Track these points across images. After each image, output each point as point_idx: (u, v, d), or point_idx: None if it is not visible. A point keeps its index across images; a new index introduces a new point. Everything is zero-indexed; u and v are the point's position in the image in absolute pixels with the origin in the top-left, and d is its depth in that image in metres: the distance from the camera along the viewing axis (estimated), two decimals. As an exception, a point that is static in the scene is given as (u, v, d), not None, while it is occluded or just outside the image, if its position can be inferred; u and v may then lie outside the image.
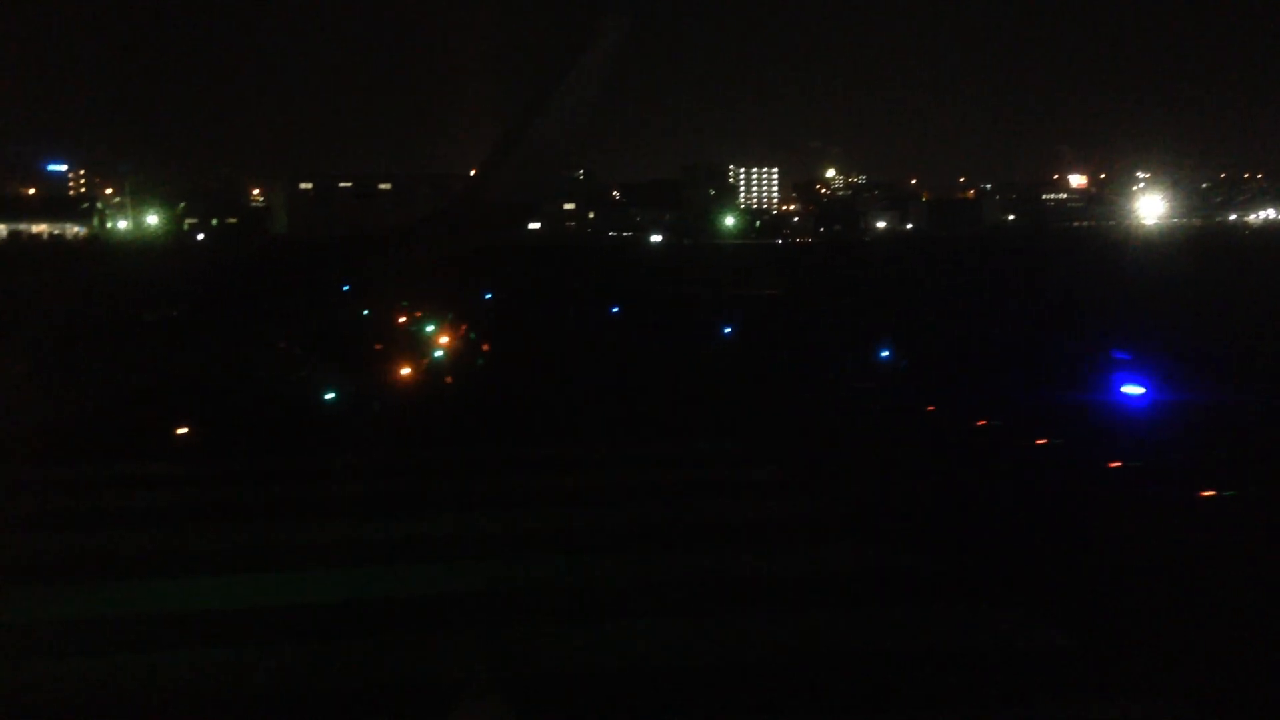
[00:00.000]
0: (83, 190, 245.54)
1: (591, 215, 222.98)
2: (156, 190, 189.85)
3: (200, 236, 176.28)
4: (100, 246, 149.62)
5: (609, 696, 12.09)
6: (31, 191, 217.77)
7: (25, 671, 13.01)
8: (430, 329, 48.39)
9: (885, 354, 36.01)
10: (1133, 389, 27.55)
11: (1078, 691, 11.99)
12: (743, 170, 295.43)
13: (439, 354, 39.44)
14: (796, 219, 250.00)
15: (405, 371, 35.15)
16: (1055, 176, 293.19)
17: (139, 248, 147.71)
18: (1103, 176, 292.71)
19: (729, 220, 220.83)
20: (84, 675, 12.89)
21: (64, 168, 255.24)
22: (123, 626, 14.49)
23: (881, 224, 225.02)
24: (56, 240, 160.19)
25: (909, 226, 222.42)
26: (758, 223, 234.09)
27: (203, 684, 12.64)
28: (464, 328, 47.77)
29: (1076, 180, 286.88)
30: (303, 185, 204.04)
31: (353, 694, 12.33)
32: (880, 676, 12.40)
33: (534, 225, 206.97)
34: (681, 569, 16.30)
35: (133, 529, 18.97)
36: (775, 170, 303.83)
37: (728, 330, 46.46)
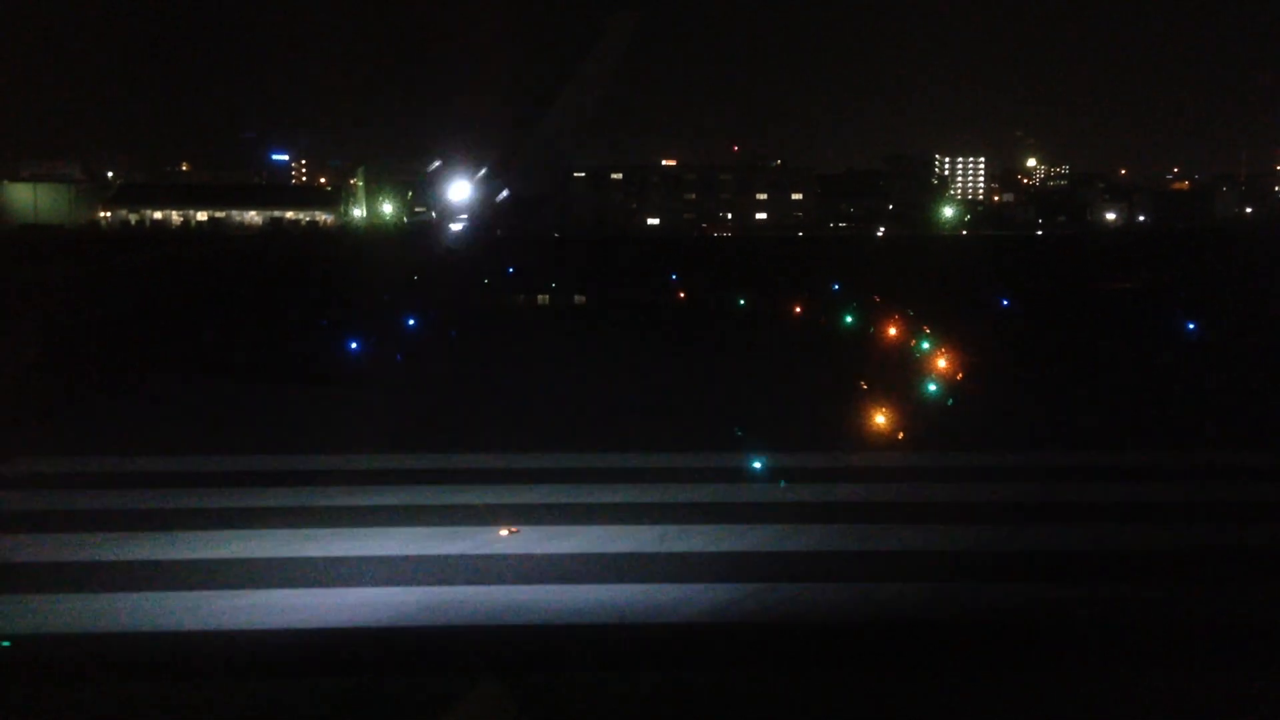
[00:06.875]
0: (304, 179, 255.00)
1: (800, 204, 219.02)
2: (388, 180, 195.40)
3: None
4: (348, 231, 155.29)
5: None
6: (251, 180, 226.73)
7: None
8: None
9: None
10: None
11: None
12: (946, 160, 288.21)
13: (925, 346, 38.53)
14: (1013, 211, 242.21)
15: (943, 365, 34.47)
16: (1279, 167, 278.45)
17: (378, 232, 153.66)
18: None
19: (948, 211, 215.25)
20: None
21: (285, 157, 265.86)
22: None
23: (1111, 216, 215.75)
24: (312, 226, 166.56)
25: (1141, 219, 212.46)
26: (967, 215, 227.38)
27: None
28: (900, 317, 46.65)
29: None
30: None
31: None
32: None
33: (761, 215, 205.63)
34: None
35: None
36: (981, 160, 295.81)
37: (1191, 326, 44.02)
